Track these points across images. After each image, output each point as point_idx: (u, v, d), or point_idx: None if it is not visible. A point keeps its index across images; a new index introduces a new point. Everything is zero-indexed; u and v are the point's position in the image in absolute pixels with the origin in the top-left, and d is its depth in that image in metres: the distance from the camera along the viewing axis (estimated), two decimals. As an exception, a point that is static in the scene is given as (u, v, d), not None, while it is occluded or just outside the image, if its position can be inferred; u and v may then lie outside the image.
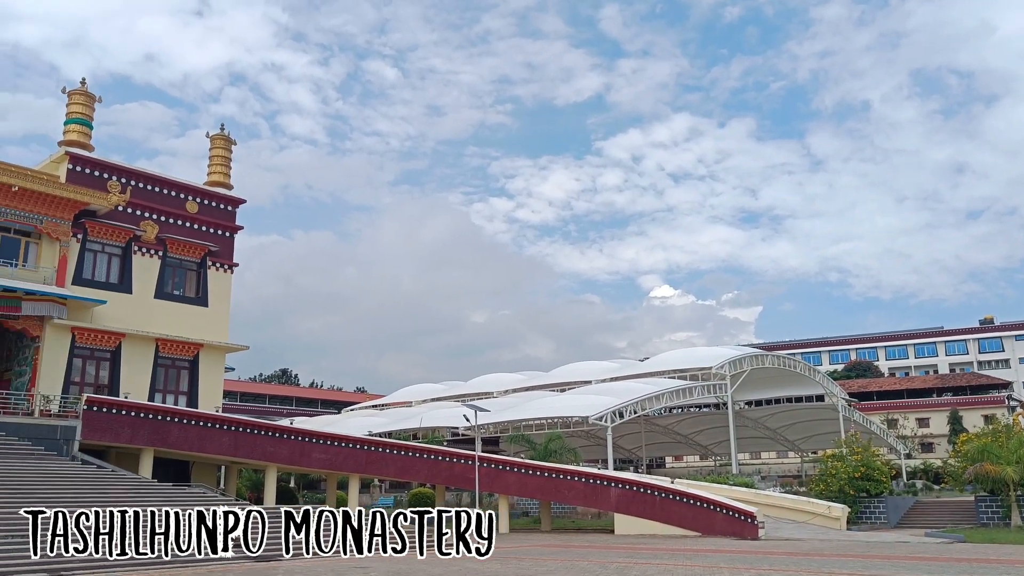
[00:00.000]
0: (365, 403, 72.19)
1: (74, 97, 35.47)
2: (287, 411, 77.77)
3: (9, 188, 31.28)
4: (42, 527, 21.58)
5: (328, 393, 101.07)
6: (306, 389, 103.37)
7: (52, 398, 29.89)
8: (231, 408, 46.76)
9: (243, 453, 33.05)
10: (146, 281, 35.26)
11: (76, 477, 26.60)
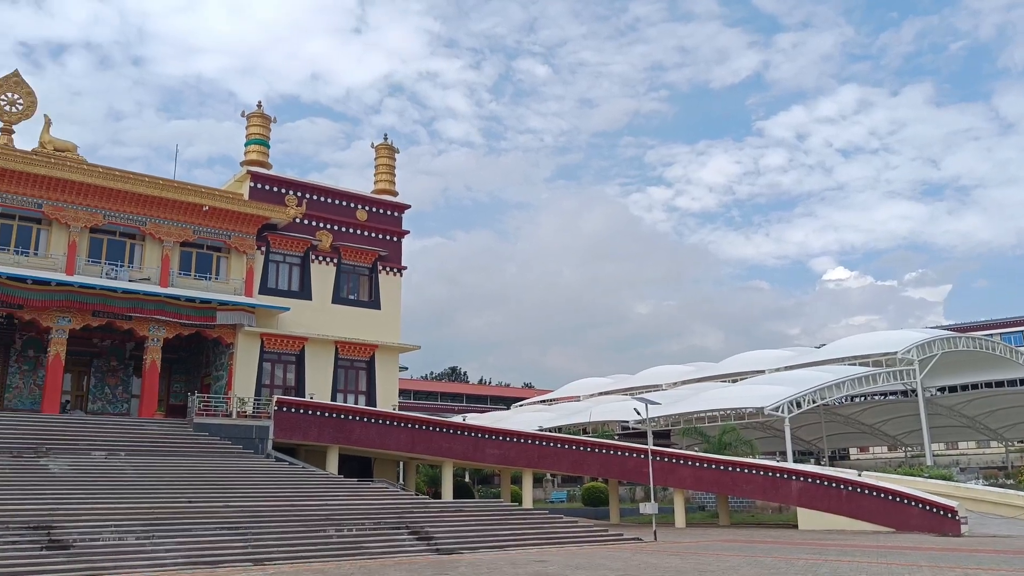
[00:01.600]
0: (533, 399, 73.03)
1: (252, 120, 37.97)
2: (458, 408, 80.00)
3: (200, 208, 33.89)
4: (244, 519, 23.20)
5: (496, 389, 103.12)
6: (475, 386, 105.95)
7: (247, 400, 32.11)
8: (406, 406, 48.56)
9: (420, 449, 34.20)
10: (324, 287, 37.22)
11: (272, 473, 28.41)
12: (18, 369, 32.80)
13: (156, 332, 32.27)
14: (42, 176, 30.79)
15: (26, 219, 31.34)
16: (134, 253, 33.36)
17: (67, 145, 32.88)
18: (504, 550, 24.71)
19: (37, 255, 31.15)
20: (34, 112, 32.33)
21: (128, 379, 35.26)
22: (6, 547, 18.79)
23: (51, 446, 26.10)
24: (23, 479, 23.18)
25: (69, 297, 30.29)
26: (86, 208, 31.84)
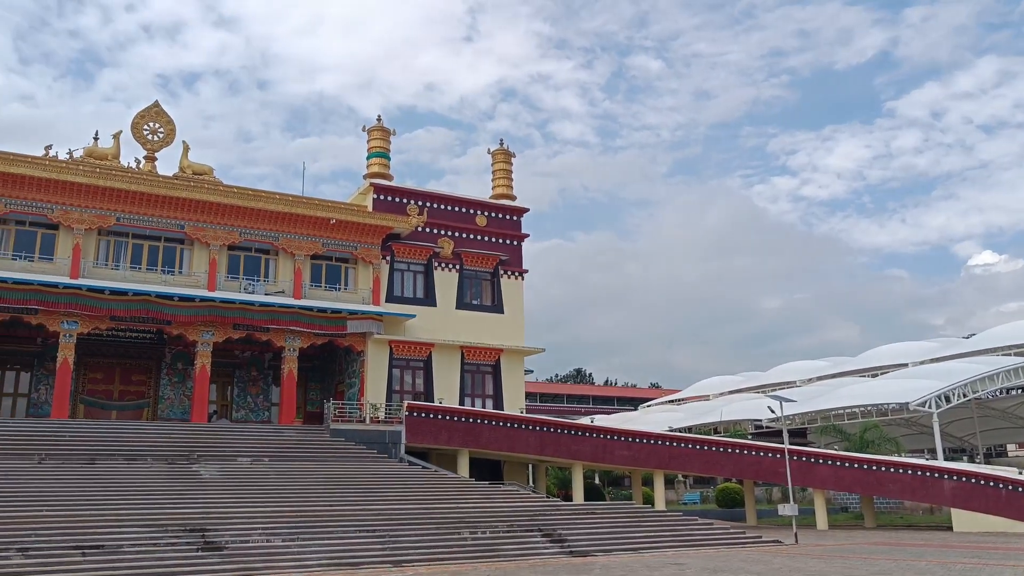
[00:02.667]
0: (661, 399, 71.89)
1: (373, 133, 39.06)
2: (584, 410, 79.69)
3: (328, 222, 35.11)
4: (382, 521, 23.76)
5: (622, 390, 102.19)
6: (601, 387, 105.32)
7: (379, 406, 32.99)
8: (532, 409, 48.73)
9: (549, 452, 34.17)
10: (448, 294, 37.81)
11: (406, 477, 29.02)
12: (169, 381, 34.90)
13: (292, 342, 33.61)
14: (183, 199, 32.66)
15: (171, 240, 33.31)
16: (268, 268, 34.89)
17: (204, 168, 34.77)
18: (638, 553, 24.32)
19: (182, 273, 33.06)
20: (173, 139, 34.36)
21: (268, 388, 36.91)
22: (167, 548, 19.93)
23: (201, 453, 27.56)
24: (178, 484, 24.56)
25: (212, 312, 31.96)
26: (224, 227, 33.54)
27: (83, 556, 18.88)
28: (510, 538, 24.75)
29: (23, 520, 20.28)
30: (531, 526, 25.85)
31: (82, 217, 31.29)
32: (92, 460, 25.62)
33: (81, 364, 32.34)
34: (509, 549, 23.88)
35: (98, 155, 32.69)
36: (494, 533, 24.77)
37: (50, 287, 29.53)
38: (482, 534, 24.51)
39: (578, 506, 29.77)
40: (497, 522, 25.55)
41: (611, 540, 25.89)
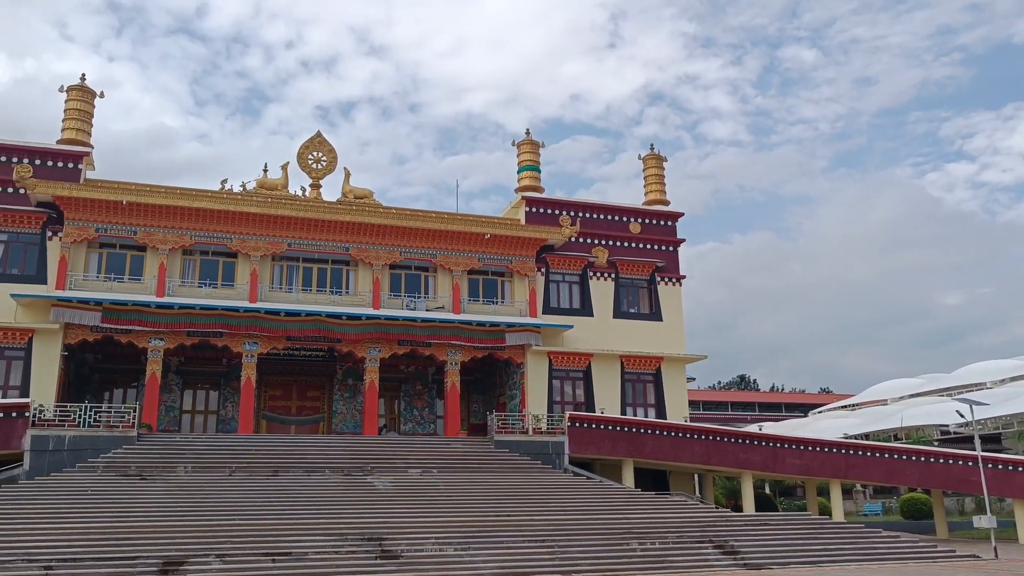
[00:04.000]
0: (833, 404, 68.41)
1: (522, 147, 39.53)
2: (751, 417, 77.01)
3: (483, 237, 35.79)
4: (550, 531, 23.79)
5: (790, 396, 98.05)
6: (766, 393, 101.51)
7: (540, 417, 33.14)
8: (696, 417, 47.47)
9: (716, 461, 33.17)
10: (604, 303, 37.57)
11: (570, 487, 28.97)
12: (341, 396, 36.58)
13: (453, 356, 34.41)
14: (347, 222, 34.23)
15: (337, 262, 34.97)
16: (428, 284, 35.94)
17: (364, 192, 36.33)
18: (817, 566, 23.12)
19: (348, 293, 34.62)
20: (336, 166, 36.12)
21: (432, 401, 37.95)
22: (347, 556, 20.80)
23: (374, 465, 28.64)
24: (354, 495, 25.63)
25: (377, 329, 33.24)
26: (385, 247, 34.87)
27: (273, 562, 20.01)
28: (680, 549, 24.18)
29: (220, 528, 21.75)
30: (701, 537, 25.15)
31: (257, 245, 33.41)
32: (275, 472, 27.18)
33: (262, 382, 34.45)
34: (679, 560, 23.33)
35: (269, 186, 34.86)
36: (663, 544, 24.27)
37: (232, 311, 31.67)
38: (651, 545, 24.07)
39: (750, 517, 28.71)
40: (666, 533, 25.03)
41: (787, 553, 24.77)
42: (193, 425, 34.79)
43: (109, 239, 32.19)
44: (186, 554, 19.92)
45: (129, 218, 32.04)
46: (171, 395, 34.53)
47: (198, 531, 21.43)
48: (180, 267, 32.93)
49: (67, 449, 26.71)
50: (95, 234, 31.76)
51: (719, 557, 23.94)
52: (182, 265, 33.03)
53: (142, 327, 30.82)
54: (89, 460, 26.52)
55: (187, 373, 35.23)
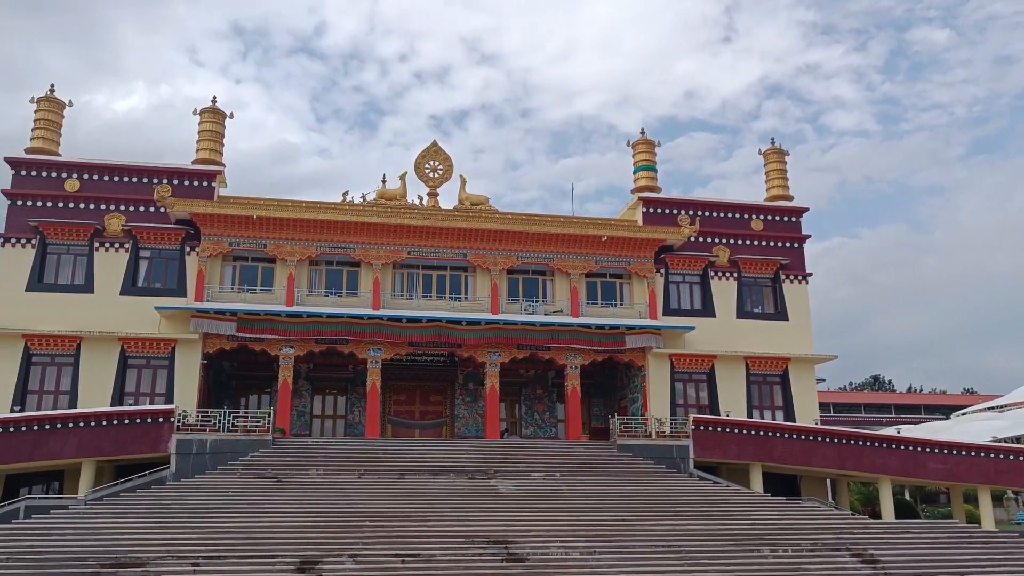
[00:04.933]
0: (978, 405, 64.18)
1: (637, 147, 39.03)
2: (886, 419, 73.21)
3: (600, 239, 35.52)
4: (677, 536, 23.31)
5: (929, 397, 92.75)
6: (903, 395, 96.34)
7: (663, 420, 32.54)
8: (827, 420, 45.61)
9: (850, 465, 31.70)
10: (726, 303, 36.58)
11: (696, 492, 28.32)
12: (462, 401, 37.06)
13: (573, 360, 34.26)
14: (464, 229, 34.68)
15: (455, 268, 35.48)
16: (546, 288, 35.95)
17: (480, 199, 36.71)
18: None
19: (467, 299, 35.05)
20: (451, 174, 36.67)
21: (553, 405, 37.92)
22: (474, 558, 21.00)
23: (497, 468, 28.83)
24: (478, 498, 25.87)
25: (496, 334, 33.49)
26: (502, 252, 35.12)
27: (403, 563, 20.42)
28: (815, 557, 23.26)
29: (351, 529, 22.40)
30: (837, 545, 24.12)
31: (379, 253, 34.29)
32: (402, 475, 27.76)
33: (387, 387, 35.30)
34: (814, 569, 22.46)
35: (388, 196, 35.73)
36: (796, 551, 23.40)
37: (357, 319, 32.61)
38: (783, 552, 23.26)
39: (889, 524, 27.33)
40: (799, 539, 24.12)
41: (932, 563, 23.44)
42: (323, 429, 36.02)
43: (242, 252, 33.76)
44: (321, 553, 20.59)
45: (259, 232, 33.51)
46: (302, 400, 35.86)
47: (331, 531, 22.13)
48: (307, 277, 34.18)
49: (208, 452, 28.11)
50: (229, 248, 33.37)
51: (858, 566, 22.89)
52: (309, 275, 34.28)
53: (274, 335, 32.15)
54: (229, 463, 27.83)
55: (316, 379, 36.52)
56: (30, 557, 20.28)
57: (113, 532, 21.86)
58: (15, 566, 19.80)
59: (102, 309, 31.95)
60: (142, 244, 33.15)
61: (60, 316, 31.56)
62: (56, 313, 31.59)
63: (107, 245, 32.87)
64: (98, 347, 31.37)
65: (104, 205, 33.21)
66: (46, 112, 34.31)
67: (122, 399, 31.15)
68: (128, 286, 32.58)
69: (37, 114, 34.30)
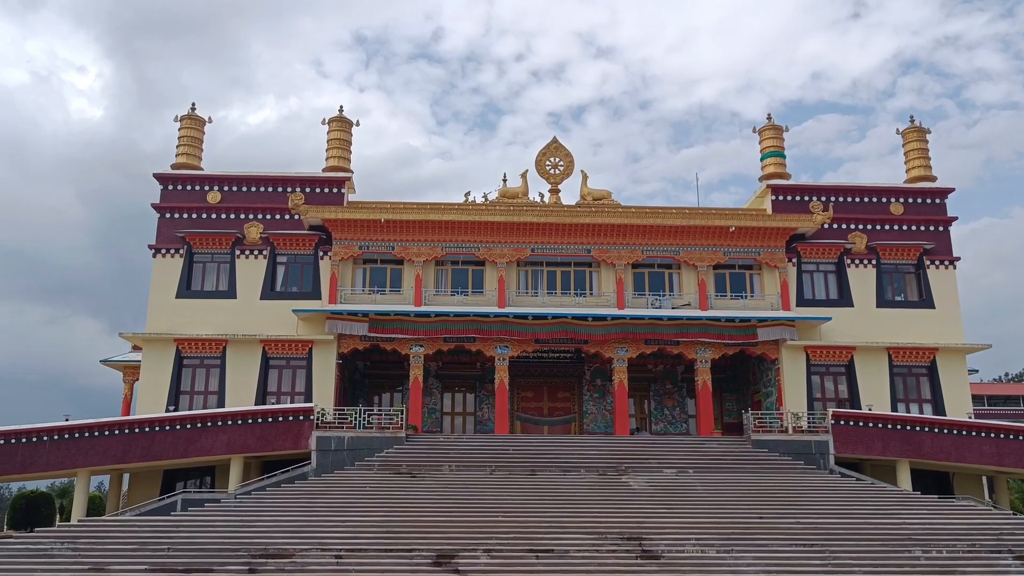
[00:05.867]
0: None
1: (764, 133, 37.73)
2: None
3: (727, 230, 34.55)
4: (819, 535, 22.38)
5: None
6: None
7: (800, 415, 31.31)
8: (981, 413, 42.77)
9: (1009, 462, 29.64)
10: (865, 292, 34.84)
11: (838, 489, 27.12)
12: (590, 397, 36.86)
13: (703, 354, 33.48)
14: (587, 224, 34.48)
15: (579, 264, 35.32)
16: (672, 282, 35.28)
17: (603, 193, 36.42)
18: None
19: (592, 295, 34.82)
20: (572, 170, 36.53)
21: (683, 400, 37.17)
22: (607, 554, 20.82)
23: (628, 465, 28.49)
24: (610, 494, 25.63)
25: (623, 329, 33.13)
26: (627, 247, 34.70)
27: (536, 558, 20.47)
28: (972, 559, 21.85)
29: (485, 524, 22.64)
30: (997, 546, 22.56)
31: (503, 252, 34.55)
32: (533, 471, 27.85)
33: (514, 384, 35.53)
34: (972, 571, 21.04)
35: (510, 194, 35.97)
36: (951, 553, 22.03)
37: (483, 317, 32.98)
38: (936, 553, 21.94)
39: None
40: (954, 540, 22.70)
41: (1111, 567, 21.46)
42: (453, 426, 36.64)
43: (371, 255, 34.75)
44: (456, 548, 20.91)
45: (387, 235, 34.41)
46: (432, 398, 36.59)
47: (465, 526, 22.44)
48: (434, 277, 34.85)
49: (346, 449, 29.08)
50: (359, 251, 34.43)
51: (1021, 570, 21.26)
52: (436, 275, 34.94)
53: (404, 335, 32.94)
54: (365, 459, 28.69)
55: (445, 377, 37.19)
56: (188, 547, 21.54)
57: (261, 525, 22.94)
58: (175, 555, 21.08)
59: (244, 313, 33.64)
60: (279, 250, 34.66)
61: (207, 321, 33.42)
62: (203, 318, 33.48)
63: (247, 252, 34.55)
64: (242, 349, 33.03)
65: (243, 215, 34.92)
66: (189, 129, 36.44)
67: (265, 398, 32.68)
68: (267, 290, 34.16)
69: (181, 131, 36.46)
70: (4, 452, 28.61)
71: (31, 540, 22.90)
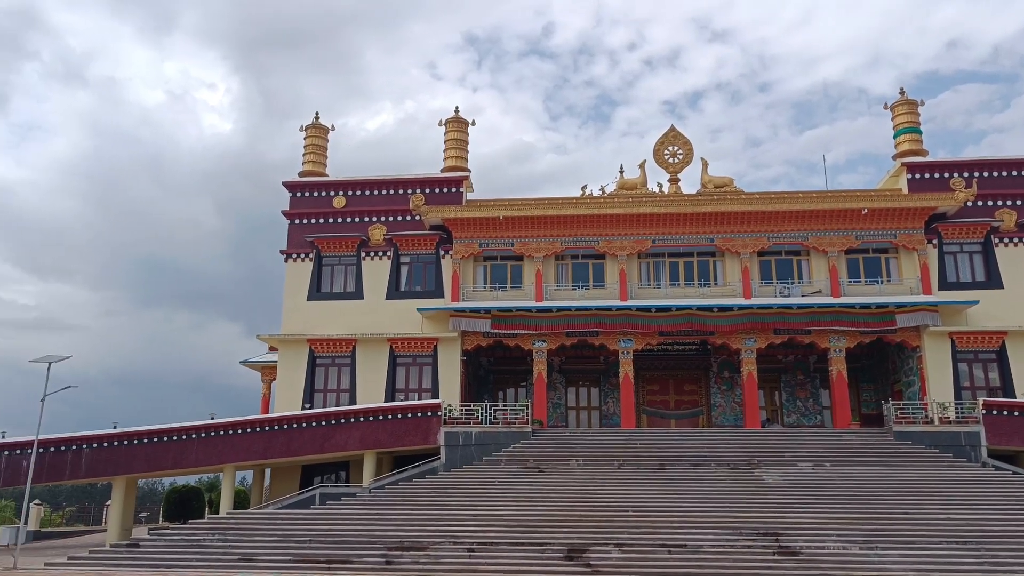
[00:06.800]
0: None
1: (897, 109, 35.77)
2: None
3: (859, 212, 32.95)
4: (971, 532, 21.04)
5: None
6: None
7: (947, 405, 29.54)
8: None
9: None
10: (1017, 272, 32.25)
11: (992, 483, 25.44)
12: (718, 389, 35.96)
13: (836, 343, 32.08)
14: (709, 213, 33.63)
15: (702, 254, 34.50)
16: (801, 268, 33.97)
17: (724, 180, 35.45)
18: None
19: (716, 285, 33.94)
20: (692, 158, 35.75)
21: (816, 391, 35.73)
22: (743, 550, 20.22)
23: (760, 458, 27.62)
24: (742, 489, 24.90)
25: (750, 319, 32.14)
26: (751, 234, 33.65)
27: (669, 553, 20.10)
28: None
29: (615, 518, 22.44)
30: None
31: (623, 244, 34.16)
32: (662, 466, 27.40)
33: (639, 377, 35.08)
34: None
35: (628, 186, 35.52)
36: None
37: (605, 310, 32.70)
38: (1111, 553, 20.14)
39: None
40: None
41: None
42: (578, 420, 36.52)
43: (491, 252, 35.07)
44: (587, 542, 20.80)
45: (506, 231, 34.63)
46: (556, 393, 36.58)
47: (595, 520, 22.29)
48: (554, 272, 34.82)
49: (474, 444, 29.47)
50: (479, 249, 34.80)
51: None
52: (556, 270, 34.90)
53: (526, 330, 33.06)
54: (493, 454, 28.99)
55: (569, 372, 37.11)
56: (328, 539, 22.34)
57: (396, 518, 23.53)
58: (316, 546, 21.90)
59: (371, 313, 34.60)
60: (402, 251, 35.48)
61: (336, 321, 34.58)
62: (333, 318, 34.66)
63: (372, 254, 35.53)
64: (370, 348, 33.99)
65: (367, 218, 35.92)
66: (313, 137, 37.81)
67: (393, 395, 33.51)
68: (392, 290, 35.03)
69: (306, 140, 37.87)
70: (157, 450, 30.51)
71: (186, 531, 24.32)
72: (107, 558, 22.87)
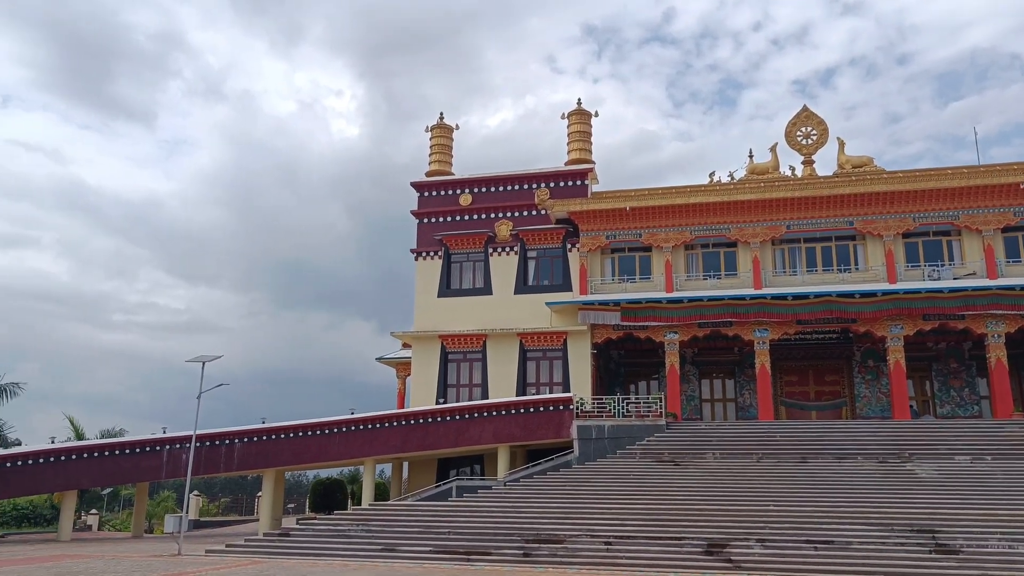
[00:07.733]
0: None
1: (1056, 73, 33.02)
2: None
3: (1017, 187, 30.67)
4: None
5: None
6: None
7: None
8: None
9: None
10: None
11: None
12: (862, 379, 34.24)
13: (994, 328, 29.96)
14: (847, 195, 32.09)
15: (841, 238, 32.94)
16: (951, 250, 31.92)
17: (863, 160, 33.71)
18: None
19: (857, 270, 32.34)
20: (826, 139, 34.18)
21: (972, 380, 33.45)
22: (896, 548, 19.17)
23: (912, 451, 26.12)
24: (892, 483, 23.61)
25: (896, 305, 30.45)
26: (895, 215, 31.90)
27: (815, 550, 19.30)
28: None
29: (755, 513, 21.75)
30: None
31: (755, 231, 33.07)
32: (803, 459, 26.36)
33: (776, 368, 33.87)
34: None
35: (759, 170, 34.33)
36: None
37: (738, 300, 31.74)
38: None
39: None
40: None
41: None
42: (713, 413, 35.65)
43: (618, 244, 34.70)
44: (727, 537, 20.25)
45: (633, 222, 34.18)
46: (689, 385, 35.85)
47: (735, 515, 21.68)
48: (684, 262, 34.11)
49: (607, 437, 29.26)
50: (606, 241, 34.50)
51: None
52: (685, 260, 34.18)
53: (657, 322, 32.52)
54: (626, 447, 28.69)
55: (702, 363, 36.28)
56: (466, 530, 22.71)
57: (532, 511, 23.66)
58: (455, 538, 22.31)
59: (500, 308, 34.95)
60: (528, 246, 35.64)
61: (467, 317, 35.14)
62: (463, 314, 35.23)
63: (499, 250, 35.88)
64: (500, 342, 34.35)
65: (493, 214, 36.30)
66: (439, 137, 38.53)
67: (524, 389, 33.73)
68: (520, 285, 35.25)
69: (432, 140, 38.63)
70: (301, 443, 31.90)
71: (332, 521, 25.31)
72: (261, 546, 24.09)
